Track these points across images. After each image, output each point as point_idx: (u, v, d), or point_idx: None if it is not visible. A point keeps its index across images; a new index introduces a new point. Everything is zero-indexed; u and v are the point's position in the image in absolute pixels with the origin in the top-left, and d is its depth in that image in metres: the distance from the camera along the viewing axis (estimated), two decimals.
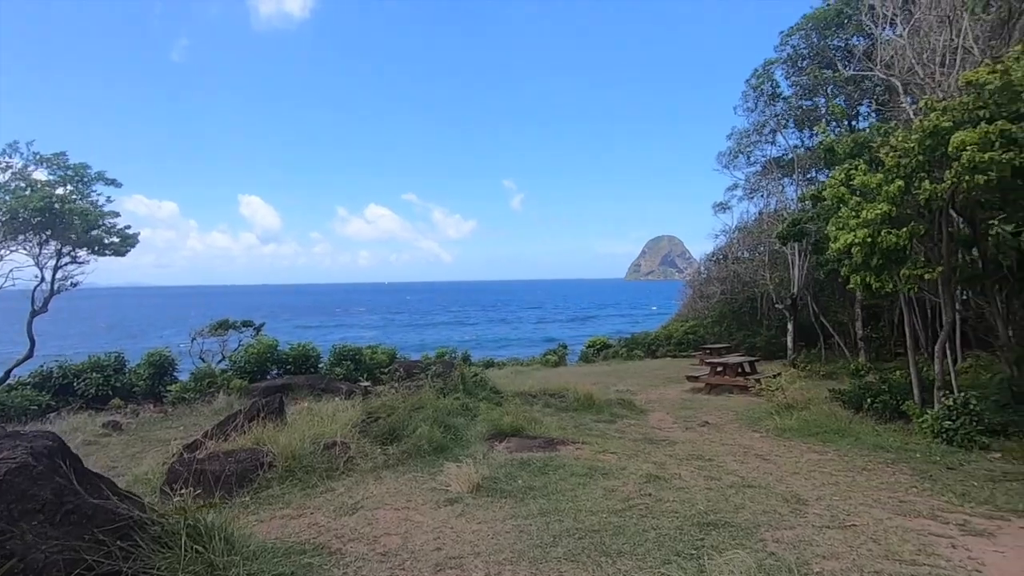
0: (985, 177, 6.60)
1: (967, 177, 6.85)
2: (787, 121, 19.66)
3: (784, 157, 20.49)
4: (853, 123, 15.41)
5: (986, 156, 6.52)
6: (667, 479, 5.69)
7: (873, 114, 14.52)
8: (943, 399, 7.31)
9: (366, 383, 12.68)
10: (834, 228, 8.56)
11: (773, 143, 20.68)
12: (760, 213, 25.82)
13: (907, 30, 8.95)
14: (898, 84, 9.20)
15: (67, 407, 12.31)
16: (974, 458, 6.45)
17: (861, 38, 17.45)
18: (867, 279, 8.18)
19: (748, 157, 21.63)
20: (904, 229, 7.55)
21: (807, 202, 10.93)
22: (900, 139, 7.81)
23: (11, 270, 16.23)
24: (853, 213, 8.14)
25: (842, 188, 8.36)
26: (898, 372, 11.61)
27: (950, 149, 7.00)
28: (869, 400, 9.46)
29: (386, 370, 16.69)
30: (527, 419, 8.27)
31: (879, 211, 7.71)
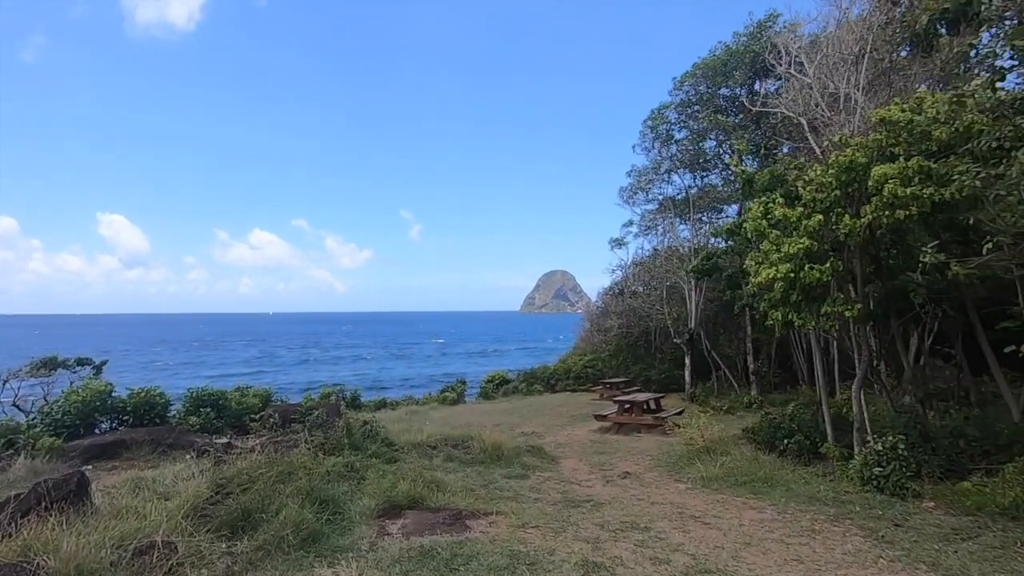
0: (906, 212, 6.43)
1: (887, 212, 6.69)
2: (680, 162, 20.38)
3: (678, 196, 21.16)
4: (758, 160, 16.06)
5: (907, 191, 6.37)
6: (607, 566, 4.57)
7: (775, 152, 15.18)
8: (870, 443, 7.01)
9: (225, 439, 10.41)
10: (753, 262, 8.21)
11: (669, 182, 21.34)
12: (655, 249, 26.74)
13: (813, 69, 9.13)
14: (804, 122, 9.34)
15: None
16: (912, 509, 6.08)
17: (744, 89, 18.65)
18: (788, 315, 7.84)
19: (647, 194, 22.14)
20: (827, 265, 7.29)
21: (719, 237, 10.81)
22: (818, 174, 7.65)
23: None
24: (774, 247, 7.82)
25: (762, 221, 8.05)
26: (791, 406, 11.69)
27: (871, 183, 6.84)
28: (785, 441, 9.16)
29: (258, 417, 14.25)
30: (427, 482, 6.82)
31: (801, 246, 7.42)
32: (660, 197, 21.69)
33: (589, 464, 9.99)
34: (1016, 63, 6.81)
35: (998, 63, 6.66)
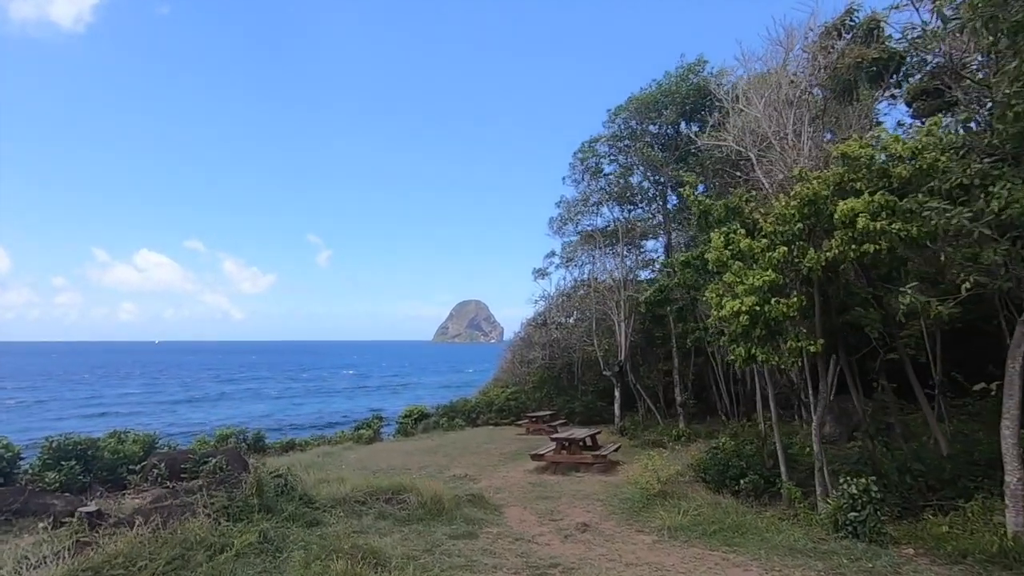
0: (875, 246, 6.32)
1: (853, 246, 6.58)
2: (609, 195, 20.61)
3: (607, 228, 21.33)
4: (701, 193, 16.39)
5: (877, 225, 6.27)
6: None
7: (715, 185, 15.56)
8: (843, 485, 6.74)
9: (93, 506, 8.35)
10: (715, 295, 7.90)
11: (598, 214, 21.47)
12: (579, 281, 26.81)
13: (762, 104, 9.26)
14: (752, 155, 9.41)
15: None
16: (898, 559, 5.77)
17: (673, 127, 19.32)
18: (751, 350, 7.53)
19: (576, 225, 22.13)
20: (793, 298, 7.07)
21: (671, 268, 10.58)
22: (780, 206, 7.51)
23: None
24: (738, 279, 7.54)
25: (724, 251, 7.78)
26: (724, 439, 11.57)
27: (837, 216, 6.73)
28: (741, 481, 8.83)
29: (138, 469, 12.01)
30: (363, 555, 5.60)
31: (767, 278, 7.18)
32: (590, 228, 21.72)
33: (536, 513, 9.09)
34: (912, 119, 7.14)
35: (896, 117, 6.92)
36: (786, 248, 7.26)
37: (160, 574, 4.54)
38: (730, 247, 7.94)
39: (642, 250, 22.70)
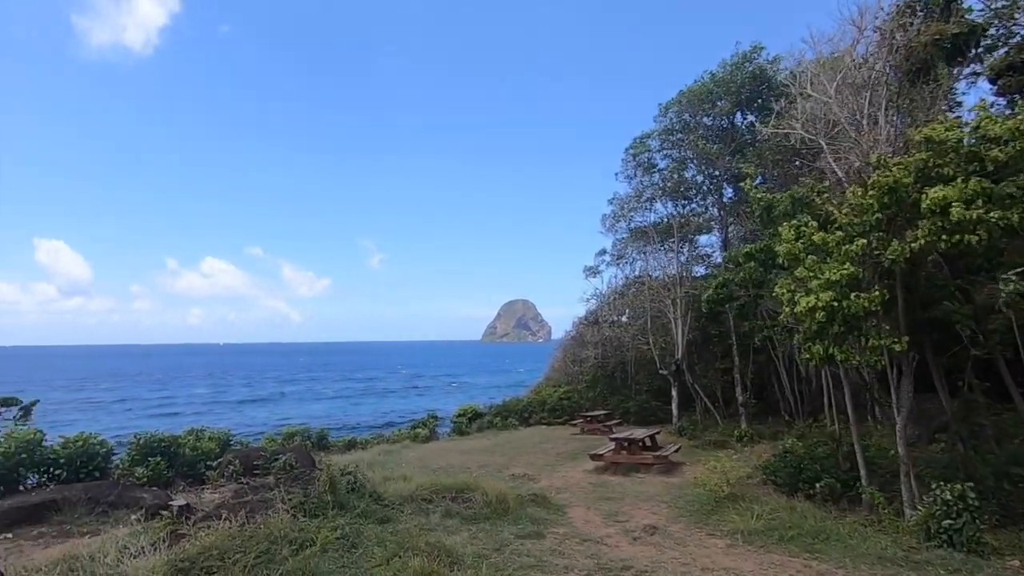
0: (974, 236, 5.88)
1: (944, 237, 6.15)
2: (662, 191, 20.17)
3: (660, 224, 20.89)
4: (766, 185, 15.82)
5: (974, 214, 5.84)
6: None
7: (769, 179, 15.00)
8: (935, 491, 6.33)
9: (182, 500, 8.85)
10: (785, 290, 7.57)
11: (651, 210, 21.05)
12: (633, 278, 26.38)
13: (833, 87, 8.79)
14: (822, 143, 8.95)
15: None
16: (1001, 572, 5.35)
17: (727, 118, 18.70)
18: (828, 349, 7.18)
19: (628, 222, 21.79)
20: (875, 292, 6.68)
21: (730, 263, 10.23)
22: (858, 196, 7.12)
23: None
24: (811, 274, 7.20)
25: (796, 245, 7.44)
26: (792, 441, 11.07)
27: (925, 205, 6.31)
28: (817, 485, 8.44)
29: (215, 464, 12.64)
30: (437, 552, 5.68)
31: (844, 272, 6.81)
32: (643, 224, 21.34)
33: (601, 514, 8.99)
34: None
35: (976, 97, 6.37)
36: (865, 240, 6.88)
37: (251, 567, 4.76)
38: (802, 240, 7.59)
39: (696, 245, 22.14)
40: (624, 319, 27.37)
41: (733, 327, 17.42)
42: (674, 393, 19.43)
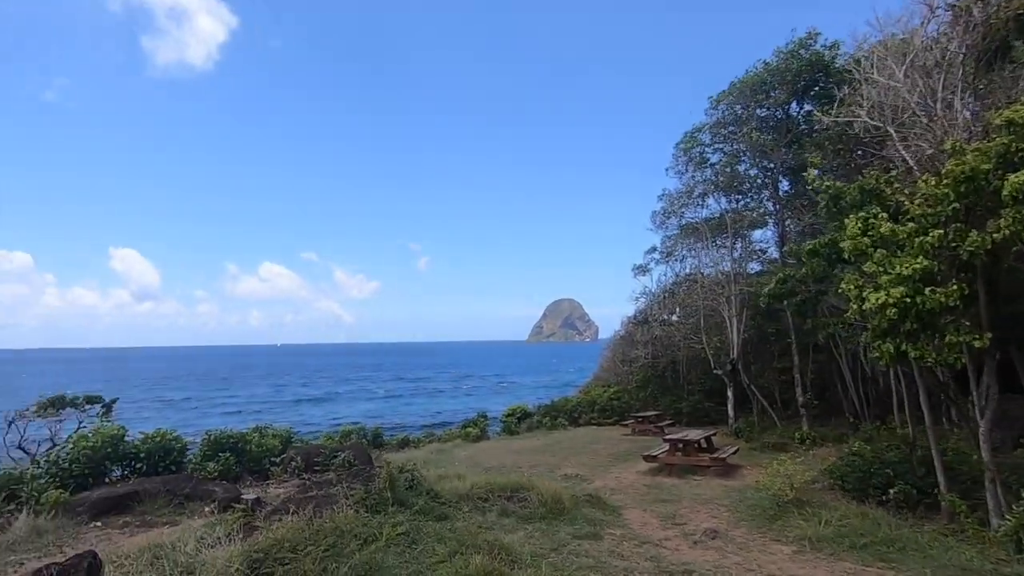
0: None
1: None
2: (715, 185, 19.63)
3: (712, 219, 20.34)
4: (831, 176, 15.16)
5: None
6: None
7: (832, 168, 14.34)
8: None
9: (253, 495, 9.30)
10: (852, 286, 7.23)
11: (703, 206, 20.53)
12: (678, 276, 25.82)
13: (902, 70, 8.32)
14: (891, 130, 8.48)
15: None
16: None
17: (781, 109, 17.99)
18: (901, 346, 6.80)
19: (680, 218, 21.34)
20: (953, 287, 6.29)
21: (791, 258, 9.84)
22: (931, 185, 6.72)
23: None
24: (880, 268, 6.85)
25: (863, 239, 7.09)
26: (859, 444, 10.53)
27: (1006, 192, 5.90)
28: (891, 491, 8.02)
29: (278, 460, 13.20)
30: (496, 551, 5.74)
31: (917, 266, 6.44)
32: (694, 220, 20.85)
33: (658, 516, 8.84)
34: None
35: None
36: (940, 232, 6.48)
37: (320, 559, 4.95)
38: (869, 233, 7.23)
39: (751, 241, 21.43)
40: (675, 318, 26.89)
41: (792, 325, 16.77)
42: (729, 394, 18.88)
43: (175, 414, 43.21)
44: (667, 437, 13.74)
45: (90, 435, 10.99)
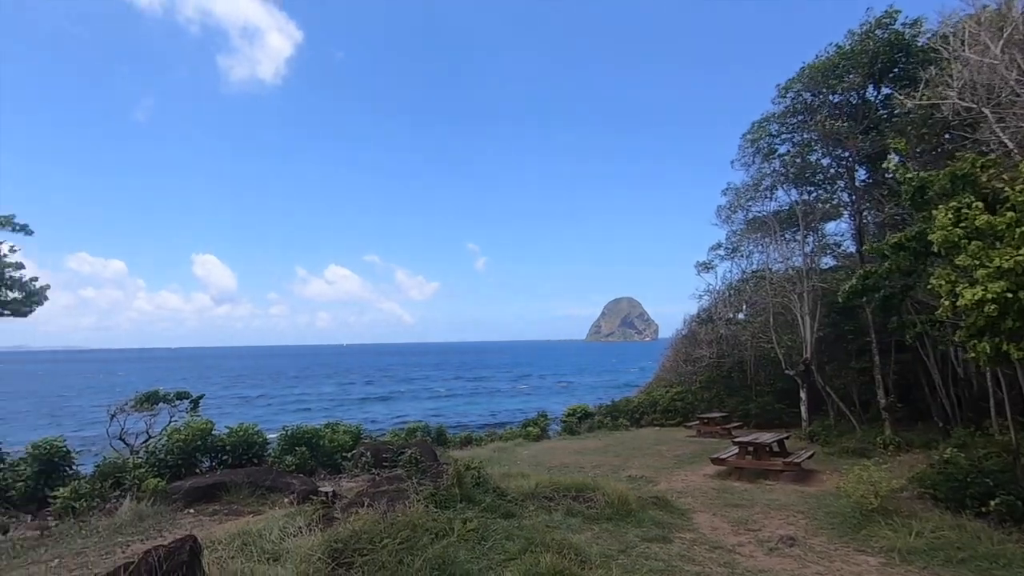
0: None
1: None
2: (784, 177, 18.72)
3: (782, 211, 19.43)
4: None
5: None
6: None
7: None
8: None
9: (330, 488, 9.76)
10: (944, 281, 6.72)
11: (771, 198, 19.64)
12: (744, 272, 24.86)
13: (999, 45, 7.64)
14: (987, 111, 7.81)
15: None
16: None
17: (856, 93, 16.93)
18: (1001, 346, 6.27)
19: (746, 212, 20.54)
20: None
21: (874, 253, 9.26)
22: None
23: None
24: (976, 262, 6.33)
25: (955, 230, 6.59)
26: (951, 451, 9.72)
27: None
28: (990, 502, 7.40)
29: (349, 455, 13.76)
30: (565, 550, 5.75)
31: (1021, 258, 5.92)
32: (762, 214, 19.99)
33: (729, 521, 8.56)
34: None
35: None
36: None
37: (396, 551, 5.13)
38: (962, 224, 6.70)
39: (824, 234, 20.31)
40: (741, 316, 26.02)
41: (872, 322, 15.76)
42: (803, 395, 17.98)
43: (251, 410, 45.83)
44: (736, 439, 13.27)
45: (182, 428, 11.86)
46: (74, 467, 11.08)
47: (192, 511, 9.55)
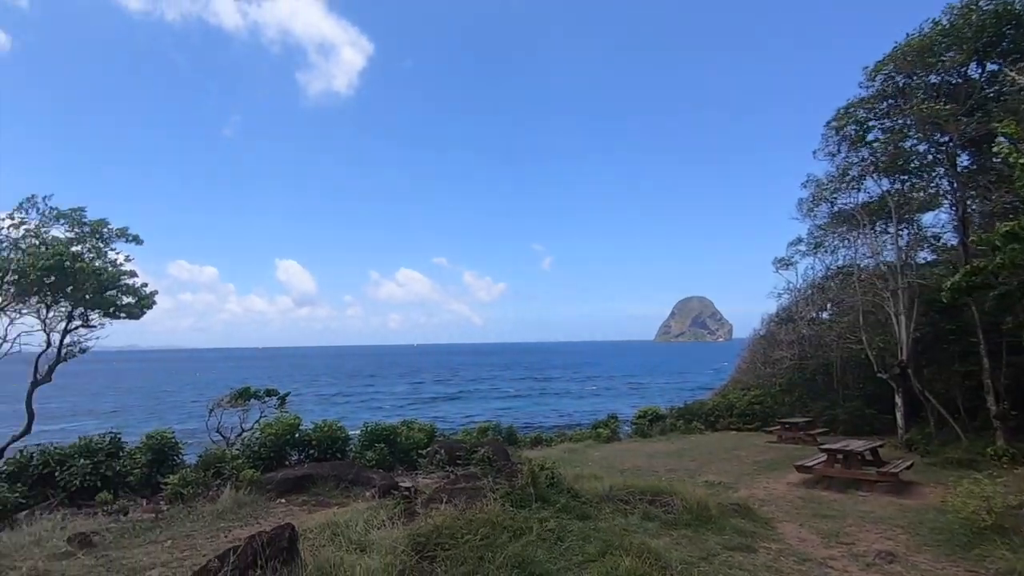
0: None
1: None
2: (875, 166, 17.42)
3: (871, 202, 18.11)
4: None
5: None
6: None
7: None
8: None
9: (408, 483, 10.15)
10: None
11: (859, 189, 18.33)
12: (828, 268, 23.44)
13: None
14: None
15: (44, 504, 10.11)
16: None
17: (957, 72, 15.51)
18: None
19: (831, 204, 19.32)
20: None
21: (985, 245, 8.43)
22: None
23: (19, 334, 14.74)
24: None
25: None
26: None
27: None
28: None
29: (424, 453, 14.18)
30: (644, 554, 5.65)
31: None
32: (849, 206, 18.74)
33: (818, 533, 8.10)
34: None
35: None
36: None
37: (476, 547, 5.25)
38: None
39: (920, 227, 18.72)
40: (825, 315, 24.66)
41: (979, 322, 14.38)
42: (898, 400, 16.68)
43: (330, 408, 48.20)
44: (824, 447, 12.54)
45: (273, 423, 12.69)
46: (181, 456, 12.12)
47: (283, 501, 10.20)
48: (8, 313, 14.30)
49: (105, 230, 15.59)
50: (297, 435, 12.54)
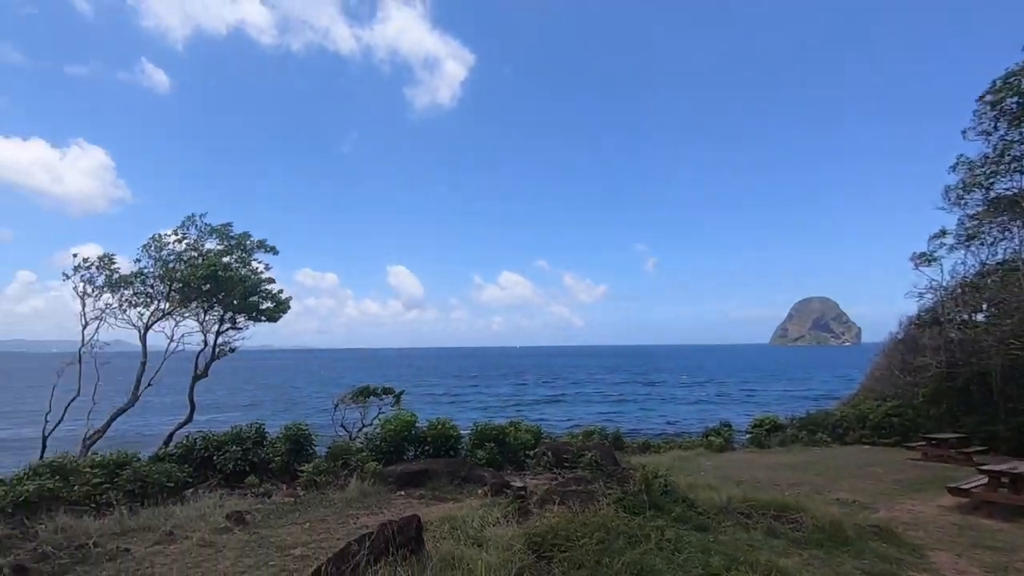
0: None
1: None
2: None
3: None
4: None
5: None
6: None
7: None
8: None
9: (519, 482, 10.37)
10: None
11: (1023, 172, 15.89)
12: (984, 264, 20.48)
13: None
14: None
15: (205, 483, 11.58)
16: None
17: None
18: None
19: (987, 191, 16.95)
20: None
21: None
22: None
23: (183, 335, 17.09)
24: None
25: None
26: None
27: None
28: None
29: (532, 454, 14.38)
30: (774, 573, 5.30)
31: None
32: (1011, 192, 16.33)
33: (980, 566, 7.13)
34: None
35: None
36: None
37: (592, 551, 5.24)
38: None
39: None
40: (980, 317, 21.64)
41: None
42: None
43: (439, 407, 50.30)
44: (985, 467, 10.98)
45: (392, 420, 13.54)
46: (313, 447, 13.31)
47: (403, 493, 10.84)
48: (175, 316, 16.64)
49: (248, 242, 17.61)
50: (413, 432, 13.27)
